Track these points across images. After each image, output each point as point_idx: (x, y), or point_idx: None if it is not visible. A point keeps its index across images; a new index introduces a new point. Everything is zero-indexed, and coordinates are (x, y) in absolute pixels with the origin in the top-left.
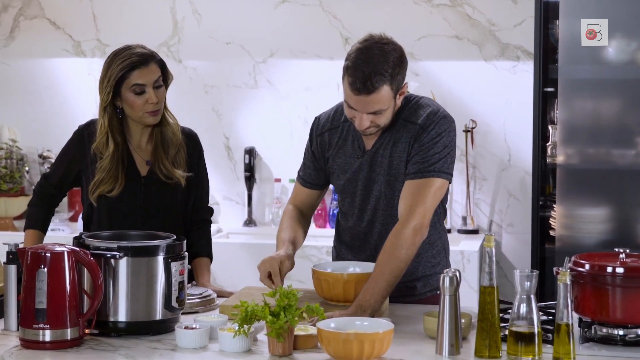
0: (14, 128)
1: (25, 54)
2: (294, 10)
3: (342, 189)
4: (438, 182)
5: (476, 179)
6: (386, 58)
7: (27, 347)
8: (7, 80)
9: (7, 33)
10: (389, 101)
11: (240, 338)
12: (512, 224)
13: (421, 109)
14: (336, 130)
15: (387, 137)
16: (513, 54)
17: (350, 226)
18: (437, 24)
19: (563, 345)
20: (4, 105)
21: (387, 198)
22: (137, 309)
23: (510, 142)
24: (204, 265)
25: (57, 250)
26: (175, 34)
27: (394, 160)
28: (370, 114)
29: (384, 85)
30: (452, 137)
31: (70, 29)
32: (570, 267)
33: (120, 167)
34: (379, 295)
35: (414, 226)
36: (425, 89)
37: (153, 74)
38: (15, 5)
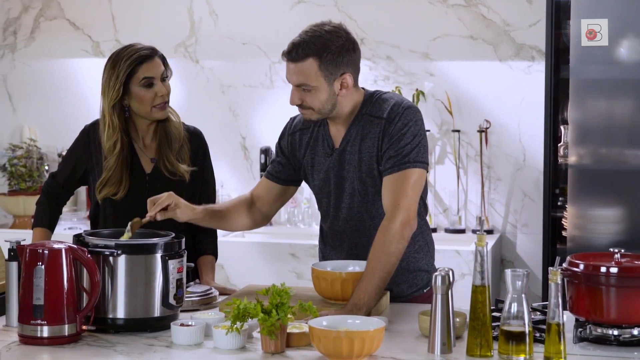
0: (34, 127)
1: (45, 55)
2: (309, 11)
3: (319, 190)
4: (416, 173)
5: (491, 179)
6: (323, 38)
7: (26, 343)
8: (28, 80)
9: (27, 34)
10: (316, 78)
11: (233, 335)
12: (526, 224)
13: (385, 102)
14: (307, 130)
15: (353, 133)
16: (528, 54)
17: (329, 226)
18: (452, 24)
19: (554, 345)
20: (24, 105)
21: (360, 195)
22: (135, 306)
23: (525, 142)
24: (208, 263)
25: (55, 248)
26: (193, 34)
27: (364, 156)
28: (298, 87)
29: (310, 58)
30: (420, 126)
31: (89, 29)
32: (566, 267)
33: (124, 168)
34: (372, 293)
35: (401, 220)
36: (440, 89)
37: (159, 67)
38: (36, 6)
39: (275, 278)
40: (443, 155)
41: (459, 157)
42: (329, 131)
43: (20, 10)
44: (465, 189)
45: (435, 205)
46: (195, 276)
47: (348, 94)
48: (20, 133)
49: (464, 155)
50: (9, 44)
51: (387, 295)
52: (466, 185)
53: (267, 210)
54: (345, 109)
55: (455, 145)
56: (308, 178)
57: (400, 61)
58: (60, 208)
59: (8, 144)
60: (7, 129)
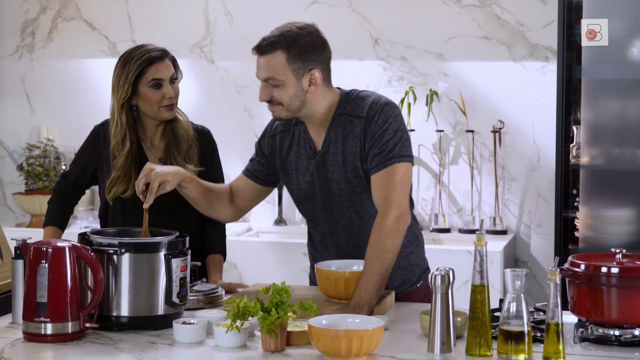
0: (52, 127)
1: (63, 55)
2: (324, 11)
3: (304, 194)
4: (402, 167)
5: (505, 180)
6: (292, 33)
7: (30, 340)
8: (46, 80)
9: (45, 34)
10: (284, 72)
11: (233, 333)
12: (540, 225)
13: (362, 101)
14: (288, 133)
15: (334, 135)
16: (542, 54)
17: (317, 229)
18: (466, 24)
19: (553, 345)
20: (42, 105)
21: (348, 195)
22: (139, 304)
23: (539, 142)
24: (216, 262)
25: (58, 246)
26: (208, 34)
27: (348, 156)
28: (266, 82)
29: (278, 51)
30: (400, 121)
31: (106, 30)
32: (567, 268)
33: (133, 166)
34: (372, 290)
35: (395, 215)
36: (454, 89)
37: (169, 69)
38: (53, 7)
39: (288, 277)
40: (457, 156)
41: (473, 158)
42: (310, 134)
43: (38, 11)
44: (479, 189)
45: (450, 205)
46: (203, 275)
47: (318, 92)
48: (38, 133)
49: (478, 155)
50: (27, 44)
51: (392, 294)
52: (480, 186)
53: (243, 206)
54: (318, 108)
55: (469, 146)
56: (292, 182)
57: (414, 61)
58: (72, 207)
59: (25, 144)
60: (25, 129)
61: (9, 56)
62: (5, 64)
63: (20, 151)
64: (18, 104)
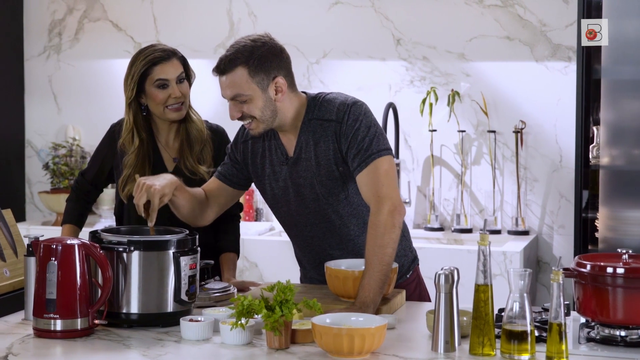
0: (78, 127)
1: (89, 55)
2: (346, 12)
3: (279, 199)
4: (384, 161)
5: (527, 180)
6: (248, 47)
7: (39, 336)
8: (72, 80)
9: (72, 35)
10: (248, 86)
11: (238, 331)
12: (563, 226)
13: (329, 104)
14: (259, 139)
15: (304, 140)
16: (564, 54)
17: (295, 234)
18: (488, 24)
19: (555, 345)
20: (68, 105)
21: (325, 197)
22: (148, 301)
23: (561, 143)
24: (230, 260)
25: (68, 244)
26: (232, 35)
27: (321, 160)
28: (234, 100)
29: (238, 67)
30: (370, 117)
31: (131, 30)
32: (573, 268)
33: (146, 163)
34: (376, 288)
35: (388, 209)
36: (476, 89)
37: (175, 69)
38: (80, 8)
39: None
40: (479, 156)
41: (495, 158)
42: (281, 140)
43: (65, 12)
44: (501, 189)
45: (471, 205)
46: (217, 273)
47: (286, 99)
48: (64, 132)
49: (500, 156)
50: (54, 45)
51: (403, 293)
52: (502, 186)
53: (217, 211)
54: (288, 114)
55: (491, 146)
56: (265, 188)
57: (436, 62)
58: (90, 205)
59: (51, 143)
60: (52, 129)
61: (37, 57)
62: (32, 65)
63: (47, 150)
64: (45, 104)
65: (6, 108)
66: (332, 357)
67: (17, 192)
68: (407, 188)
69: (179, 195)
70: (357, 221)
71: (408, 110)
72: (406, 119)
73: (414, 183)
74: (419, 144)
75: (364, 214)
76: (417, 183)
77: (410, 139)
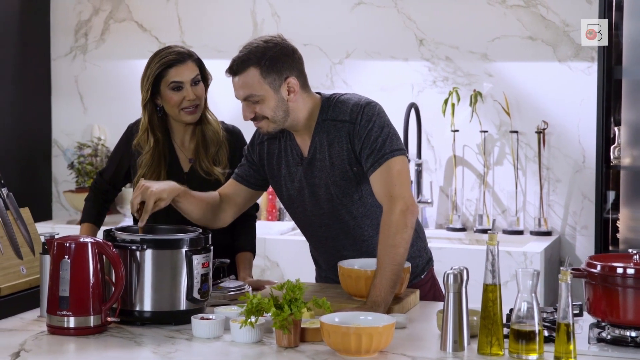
0: (104, 126)
1: (114, 56)
2: (369, 12)
3: (294, 200)
4: (397, 161)
5: (550, 181)
6: (260, 48)
7: (53, 333)
8: (98, 80)
9: (97, 36)
10: (260, 87)
11: (247, 329)
12: (586, 226)
13: (343, 105)
14: (275, 140)
15: (319, 141)
16: (587, 54)
17: (310, 234)
18: (511, 24)
19: (563, 345)
20: (94, 105)
21: (339, 198)
22: (161, 299)
23: (584, 143)
24: (246, 259)
25: (81, 242)
26: (255, 35)
27: (335, 161)
28: (247, 101)
29: (250, 68)
30: (383, 118)
31: (156, 31)
32: (583, 268)
33: (162, 163)
34: (387, 287)
35: (400, 209)
36: (499, 89)
37: (190, 71)
38: (106, 9)
39: None
40: (501, 156)
41: (517, 158)
42: (295, 140)
43: (91, 13)
44: (524, 190)
45: (494, 206)
46: (232, 272)
47: (299, 99)
48: (90, 132)
49: (522, 156)
50: (80, 45)
51: (417, 293)
52: (525, 187)
53: (233, 212)
54: (301, 114)
55: (514, 147)
56: (281, 188)
57: (459, 62)
58: (108, 205)
59: (77, 143)
60: (78, 128)
61: (63, 57)
62: (59, 65)
63: (72, 150)
64: (71, 104)
65: (34, 108)
66: (340, 356)
67: (44, 191)
68: (429, 188)
69: (184, 202)
70: (371, 222)
71: (430, 110)
72: (428, 119)
73: (437, 183)
74: (442, 144)
75: (377, 215)
76: (440, 183)
77: (433, 139)
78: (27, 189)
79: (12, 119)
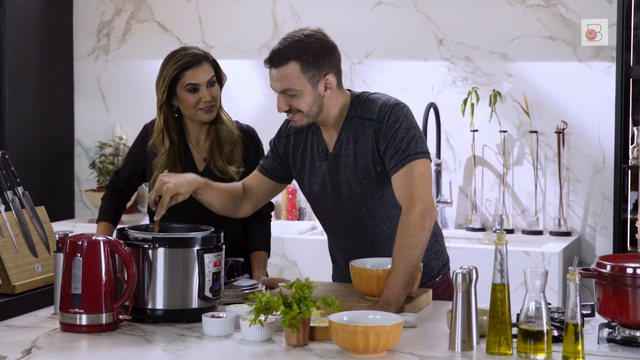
0: (126, 126)
1: (136, 56)
2: (389, 12)
3: (316, 195)
4: (420, 164)
5: (569, 181)
6: (302, 42)
7: (66, 330)
8: (119, 80)
9: (119, 36)
10: (299, 82)
11: (257, 327)
12: (606, 227)
13: (373, 104)
14: (301, 134)
15: (345, 137)
16: (608, 54)
17: (330, 230)
18: (531, 24)
19: (571, 345)
20: (116, 105)
21: (360, 196)
22: (173, 297)
23: (604, 143)
24: (260, 258)
25: (93, 240)
26: (276, 35)
27: (359, 158)
28: (284, 94)
29: (291, 62)
30: (410, 120)
31: (177, 31)
32: (593, 268)
33: (178, 163)
34: (400, 288)
35: (419, 211)
36: (518, 89)
37: (206, 73)
38: (128, 10)
39: None
40: (521, 157)
41: (537, 158)
42: (322, 135)
43: (113, 14)
44: (544, 190)
45: (514, 206)
46: (247, 270)
47: (333, 96)
48: (112, 131)
49: (542, 156)
50: (103, 45)
51: (429, 292)
52: (544, 187)
53: (255, 203)
54: (332, 111)
55: (533, 147)
56: (304, 183)
57: (478, 62)
58: (124, 204)
59: (98, 142)
60: (101, 128)
61: (86, 57)
62: (82, 65)
63: (94, 149)
64: (94, 103)
65: (57, 107)
66: (348, 355)
67: (67, 189)
68: (448, 188)
69: (205, 194)
70: (391, 223)
71: (450, 110)
72: (448, 119)
73: (456, 183)
74: (461, 144)
75: (397, 217)
76: (459, 183)
77: (452, 139)
78: (50, 188)
79: (35, 119)
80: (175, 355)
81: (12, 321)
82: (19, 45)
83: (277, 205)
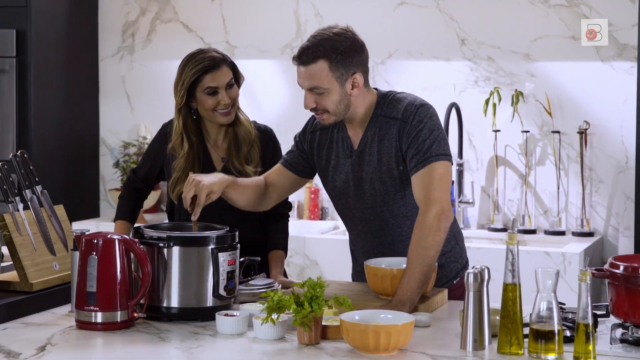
0: (150, 126)
1: (160, 56)
2: (411, 12)
3: (338, 191)
4: (440, 166)
5: (592, 181)
6: (331, 40)
7: (81, 328)
8: (144, 80)
9: (144, 36)
10: (327, 80)
11: (269, 326)
12: (628, 227)
13: (398, 103)
14: (327, 130)
15: (370, 135)
16: (631, 54)
17: (350, 227)
18: (554, 24)
19: (582, 345)
20: (141, 104)
21: (382, 194)
22: (187, 296)
23: (627, 143)
24: (278, 258)
25: (108, 238)
26: (299, 36)
27: (383, 157)
28: (311, 91)
29: (320, 60)
30: (435, 121)
31: (201, 31)
32: (606, 269)
33: (196, 165)
34: (415, 287)
35: (435, 212)
36: (541, 90)
37: (225, 76)
38: (152, 10)
39: None
40: (543, 157)
41: (559, 159)
42: (347, 133)
43: (138, 14)
44: (566, 190)
45: (536, 206)
46: (264, 270)
47: (360, 94)
48: (136, 131)
49: (564, 156)
50: (127, 45)
51: (445, 292)
52: (567, 187)
53: (277, 197)
54: (359, 109)
55: (556, 147)
56: (328, 179)
57: (501, 62)
58: (141, 202)
59: (122, 142)
60: (125, 127)
61: (111, 57)
62: (107, 65)
63: (118, 149)
64: (118, 103)
65: (82, 107)
66: (360, 354)
67: (92, 189)
68: (470, 188)
69: (232, 192)
70: (411, 223)
71: (472, 110)
72: (470, 119)
73: (478, 183)
74: (483, 144)
75: None
76: (481, 183)
77: (474, 139)
78: (76, 187)
79: (61, 119)
80: (188, 353)
81: (29, 318)
82: (45, 46)
83: (299, 205)
